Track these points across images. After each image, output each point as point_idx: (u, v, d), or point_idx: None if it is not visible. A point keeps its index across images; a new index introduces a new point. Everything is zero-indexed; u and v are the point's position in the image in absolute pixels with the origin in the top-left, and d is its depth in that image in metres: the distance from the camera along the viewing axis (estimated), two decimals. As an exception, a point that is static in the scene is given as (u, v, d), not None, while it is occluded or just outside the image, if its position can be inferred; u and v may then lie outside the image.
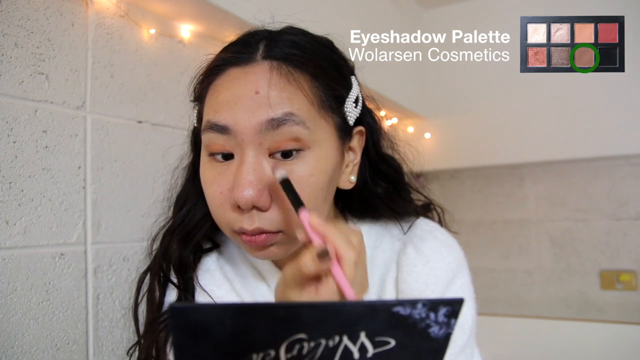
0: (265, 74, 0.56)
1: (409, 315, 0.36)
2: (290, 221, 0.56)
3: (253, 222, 0.55)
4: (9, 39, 0.72)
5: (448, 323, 0.36)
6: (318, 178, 0.56)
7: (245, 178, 0.54)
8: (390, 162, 0.70)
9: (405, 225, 0.69)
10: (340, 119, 0.60)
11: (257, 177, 0.54)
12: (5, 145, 0.71)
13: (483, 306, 0.68)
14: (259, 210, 0.55)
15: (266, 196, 0.55)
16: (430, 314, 0.36)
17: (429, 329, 0.36)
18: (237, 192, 0.54)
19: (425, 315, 0.36)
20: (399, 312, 0.35)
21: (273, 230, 0.56)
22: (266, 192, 0.55)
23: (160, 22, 0.96)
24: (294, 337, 0.34)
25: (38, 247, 0.74)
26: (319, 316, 0.35)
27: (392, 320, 0.35)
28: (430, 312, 0.36)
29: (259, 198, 0.54)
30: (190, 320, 0.33)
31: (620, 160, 1.84)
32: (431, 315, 0.36)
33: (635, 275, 1.80)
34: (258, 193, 0.54)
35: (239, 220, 0.56)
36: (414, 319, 0.36)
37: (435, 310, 0.36)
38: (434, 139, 1.94)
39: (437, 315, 0.36)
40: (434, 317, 0.36)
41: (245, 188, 0.53)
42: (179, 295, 0.65)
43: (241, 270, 0.68)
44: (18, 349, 0.70)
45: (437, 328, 0.36)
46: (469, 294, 0.66)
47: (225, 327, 0.33)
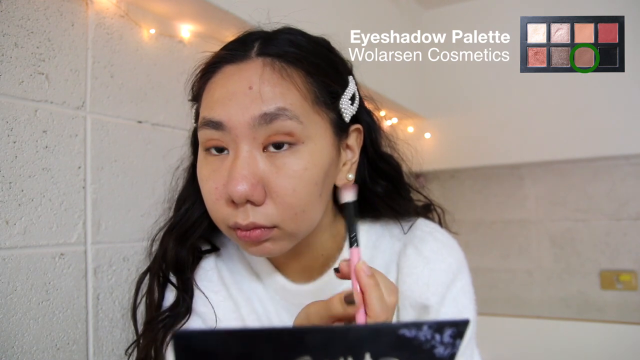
0: (258, 69, 0.56)
1: (414, 337, 0.36)
2: (285, 216, 0.56)
3: (247, 217, 0.55)
4: (9, 39, 0.72)
5: (453, 343, 0.36)
6: (312, 172, 0.56)
7: (239, 172, 0.54)
8: (389, 160, 0.70)
9: (405, 225, 0.69)
10: (335, 115, 0.60)
11: (251, 171, 0.54)
12: (5, 145, 0.71)
13: (483, 306, 0.68)
14: (253, 205, 0.55)
15: (260, 190, 0.55)
16: (435, 335, 0.36)
17: (434, 350, 0.36)
18: (231, 187, 0.54)
19: (431, 336, 0.36)
20: (405, 334, 0.36)
21: (268, 225, 0.56)
22: (260, 186, 0.55)
23: (160, 22, 0.96)
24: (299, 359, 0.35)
25: (38, 247, 0.74)
26: (324, 339, 0.35)
27: (398, 342, 0.36)
28: (436, 334, 0.36)
29: (252, 192, 0.54)
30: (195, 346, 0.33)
31: (620, 160, 1.84)
32: (437, 337, 0.36)
33: (635, 275, 1.80)
34: (251, 187, 0.54)
35: (233, 215, 0.56)
36: (420, 340, 0.36)
37: (440, 332, 0.36)
38: (434, 139, 1.94)
39: (442, 336, 0.36)
40: (440, 338, 0.36)
41: (239, 182, 0.53)
42: (177, 295, 0.65)
43: (239, 273, 0.68)
44: (18, 349, 0.70)
45: (442, 348, 0.36)
46: (470, 295, 0.66)
47: (230, 352, 0.34)
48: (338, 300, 0.46)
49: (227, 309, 0.65)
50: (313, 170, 0.56)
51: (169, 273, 0.67)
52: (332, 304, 0.46)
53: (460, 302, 0.64)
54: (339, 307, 0.46)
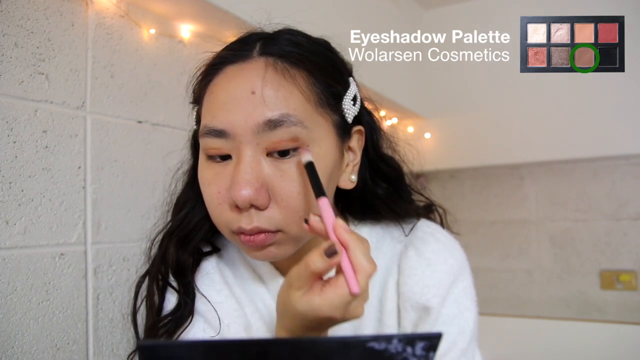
0: (260, 70, 0.56)
1: (384, 350, 0.35)
2: (289, 220, 0.56)
3: (251, 222, 0.55)
4: (9, 39, 0.72)
5: (427, 356, 0.36)
6: None
7: (242, 177, 0.54)
8: (390, 162, 0.69)
9: (406, 227, 0.68)
10: (338, 117, 0.60)
11: (255, 175, 0.54)
12: (5, 145, 0.71)
13: (483, 306, 0.67)
14: (257, 209, 0.55)
15: (264, 194, 0.54)
16: (407, 348, 0.35)
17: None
18: (235, 191, 0.54)
19: (402, 349, 0.35)
20: (374, 347, 0.35)
21: (272, 230, 0.56)
22: (264, 190, 0.54)
23: (160, 22, 0.96)
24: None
25: (38, 247, 0.74)
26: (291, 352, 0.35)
27: (367, 355, 0.35)
28: (407, 347, 0.35)
29: (256, 196, 0.54)
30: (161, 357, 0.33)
31: (620, 160, 1.84)
32: (408, 349, 0.35)
33: (635, 275, 1.80)
34: (255, 192, 0.54)
35: (237, 220, 0.56)
36: (390, 352, 0.35)
37: (412, 345, 0.35)
38: (434, 139, 1.94)
39: (414, 349, 0.35)
40: (411, 351, 0.35)
41: (242, 187, 0.53)
42: (178, 299, 0.65)
43: (241, 274, 0.68)
44: (18, 349, 0.70)
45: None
46: (471, 296, 0.66)
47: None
48: (318, 256, 0.46)
49: (230, 307, 0.65)
50: None
51: (169, 276, 0.66)
52: (311, 261, 0.46)
53: (462, 303, 0.64)
54: (320, 262, 0.46)
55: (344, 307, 0.47)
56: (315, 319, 0.47)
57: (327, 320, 0.47)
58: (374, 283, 0.65)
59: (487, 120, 1.85)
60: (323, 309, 0.46)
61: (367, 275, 0.46)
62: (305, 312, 0.47)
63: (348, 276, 0.45)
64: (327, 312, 0.46)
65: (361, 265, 0.46)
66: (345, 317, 0.48)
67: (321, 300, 0.46)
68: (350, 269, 0.46)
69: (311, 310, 0.47)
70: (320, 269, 0.46)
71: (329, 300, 0.46)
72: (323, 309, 0.46)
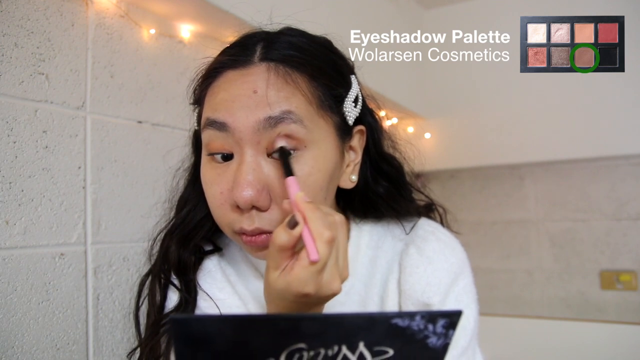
0: (263, 74, 0.56)
1: (407, 327, 0.36)
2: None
3: (253, 223, 0.55)
4: (9, 39, 0.72)
5: (446, 334, 0.37)
6: (317, 177, 0.56)
7: (244, 178, 0.54)
8: (391, 161, 0.70)
9: (407, 226, 0.69)
10: (339, 119, 0.60)
11: (256, 177, 0.54)
12: (5, 145, 0.71)
13: (483, 306, 0.68)
14: (258, 211, 0.56)
15: (265, 196, 0.55)
16: (428, 325, 0.37)
17: (427, 340, 0.37)
18: (237, 193, 0.54)
19: (424, 326, 0.37)
20: (398, 323, 0.36)
21: (273, 230, 0.56)
22: (265, 192, 0.55)
23: (160, 22, 0.96)
24: (294, 346, 0.35)
25: (38, 247, 0.74)
26: (319, 327, 0.36)
27: (391, 331, 0.36)
28: (429, 324, 0.37)
29: (258, 198, 0.54)
30: (192, 331, 0.34)
31: (620, 160, 1.84)
32: (429, 327, 0.37)
33: (635, 275, 1.80)
34: (257, 193, 0.54)
35: (238, 220, 0.56)
36: (413, 330, 0.36)
37: (433, 322, 0.37)
38: (434, 139, 1.94)
39: (435, 326, 0.37)
40: (432, 328, 0.37)
41: (244, 188, 0.54)
42: (180, 297, 0.65)
43: (243, 272, 0.68)
44: (18, 349, 0.70)
45: (435, 338, 0.37)
46: (471, 295, 0.66)
47: (226, 337, 0.34)
48: (282, 229, 0.47)
49: (233, 304, 0.65)
50: (318, 175, 0.56)
51: (171, 275, 0.66)
52: (276, 237, 0.47)
53: (463, 301, 0.64)
54: (284, 235, 0.47)
55: (313, 281, 0.47)
56: (293, 298, 0.48)
57: (303, 297, 0.47)
58: (375, 281, 0.66)
59: (487, 120, 1.85)
60: (294, 284, 0.47)
61: (326, 241, 0.46)
62: (283, 292, 0.48)
63: (307, 245, 0.46)
64: (299, 287, 0.47)
65: (318, 232, 0.46)
66: (320, 294, 0.48)
67: (291, 277, 0.47)
68: (310, 238, 0.46)
69: (287, 287, 0.47)
70: (284, 242, 0.47)
71: (297, 275, 0.46)
72: (294, 284, 0.47)
